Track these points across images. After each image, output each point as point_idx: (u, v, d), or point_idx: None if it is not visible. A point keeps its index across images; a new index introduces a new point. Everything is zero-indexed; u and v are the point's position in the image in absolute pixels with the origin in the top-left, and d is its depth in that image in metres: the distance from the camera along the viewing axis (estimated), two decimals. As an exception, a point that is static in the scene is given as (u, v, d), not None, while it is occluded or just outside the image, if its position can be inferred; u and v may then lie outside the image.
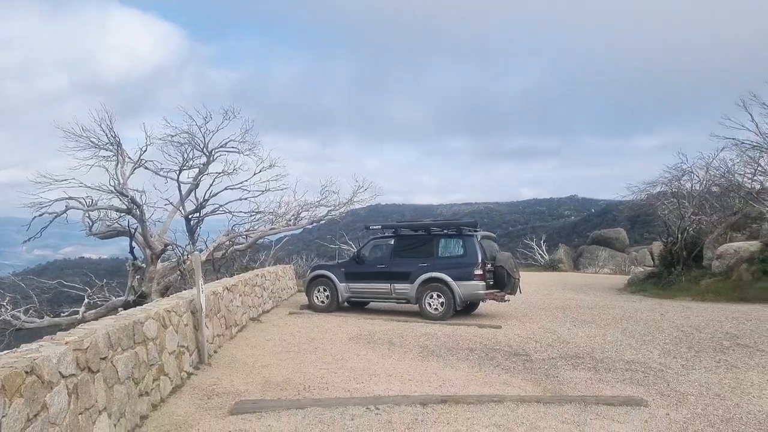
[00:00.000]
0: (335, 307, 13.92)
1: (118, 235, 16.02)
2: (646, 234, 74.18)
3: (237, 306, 11.35)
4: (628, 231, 54.87)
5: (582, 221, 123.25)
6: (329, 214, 18.67)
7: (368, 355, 8.93)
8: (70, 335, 4.95)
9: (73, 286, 16.53)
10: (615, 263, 40.49)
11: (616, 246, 47.31)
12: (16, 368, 3.70)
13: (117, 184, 14.79)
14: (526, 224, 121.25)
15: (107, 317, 6.28)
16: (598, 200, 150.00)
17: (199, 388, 7.04)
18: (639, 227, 71.83)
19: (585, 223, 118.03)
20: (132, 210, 14.57)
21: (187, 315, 7.97)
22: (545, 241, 42.95)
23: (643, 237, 69.64)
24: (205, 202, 16.67)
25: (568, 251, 48.27)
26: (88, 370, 4.71)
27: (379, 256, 13.90)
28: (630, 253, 45.69)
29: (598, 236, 50.72)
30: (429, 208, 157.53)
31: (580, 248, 51.17)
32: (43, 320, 15.83)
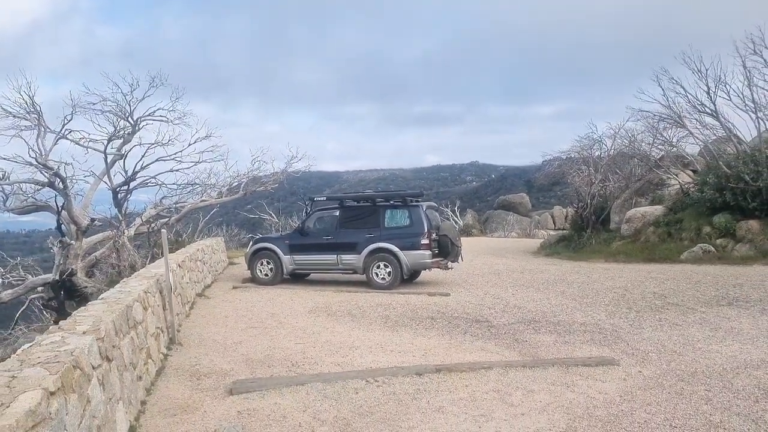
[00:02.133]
0: (279, 280, 13.89)
1: (37, 210, 14.86)
2: (542, 198, 78.98)
3: (186, 282, 11.07)
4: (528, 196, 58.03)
5: (483, 186, 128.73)
6: (262, 184, 18.34)
7: (336, 328, 9.11)
8: (81, 323, 4.75)
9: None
10: (521, 227, 42.92)
11: (520, 211, 50.09)
12: (66, 363, 3.56)
13: (38, 155, 13.68)
14: (430, 190, 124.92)
15: (94, 302, 6.00)
16: (497, 166, 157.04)
17: (181, 369, 6.92)
18: (536, 192, 76.28)
19: (486, 189, 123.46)
20: (55, 183, 13.55)
21: (156, 296, 7.74)
22: (457, 207, 44.60)
23: (540, 201, 74.13)
24: (135, 174, 15.83)
25: (475, 216, 50.54)
26: (106, 359, 4.57)
27: (325, 227, 13.96)
28: (533, 217, 48.62)
29: (503, 201, 53.39)
30: (334, 174, 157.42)
31: (486, 213, 53.70)
32: (-48, 303, 14.50)
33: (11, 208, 14.53)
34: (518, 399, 5.55)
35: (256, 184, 18.41)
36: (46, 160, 13.75)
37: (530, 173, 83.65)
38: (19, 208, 14.66)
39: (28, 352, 3.91)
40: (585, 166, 23.58)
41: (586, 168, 23.44)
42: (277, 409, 5.53)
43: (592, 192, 22.23)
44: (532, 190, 70.98)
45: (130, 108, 15.63)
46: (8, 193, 14.35)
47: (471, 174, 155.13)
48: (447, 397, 5.66)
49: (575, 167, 24.14)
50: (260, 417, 5.29)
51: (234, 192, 18.24)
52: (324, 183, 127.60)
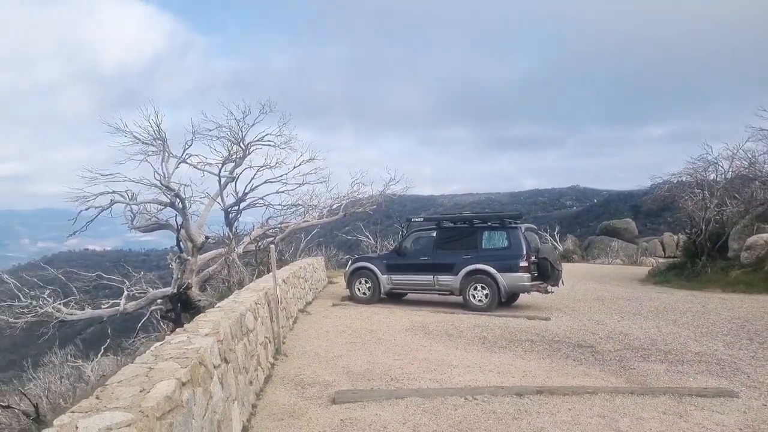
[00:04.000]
0: (377, 299, 14.15)
1: (159, 228, 16.24)
2: (650, 224, 74.52)
3: (290, 298, 11.59)
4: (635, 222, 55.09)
5: (584, 211, 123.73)
6: (361, 206, 18.89)
7: (434, 347, 9.16)
8: (203, 327, 5.17)
9: (112, 278, 16.74)
10: (626, 254, 40.75)
11: (625, 237, 47.61)
12: (193, 359, 3.91)
13: (162, 178, 15.02)
14: (528, 214, 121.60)
15: (212, 310, 6.49)
16: (599, 190, 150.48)
17: (287, 378, 7.27)
18: (642, 217, 72.20)
19: (587, 214, 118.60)
20: (175, 203, 14.78)
21: (265, 307, 8.19)
22: (557, 232, 43.23)
23: (647, 227, 69.99)
24: (245, 195, 16.94)
25: (576, 242, 48.62)
26: (224, 360, 4.93)
27: (422, 248, 14.10)
28: (640, 243, 46.02)
29: (606, 227, 51.01)
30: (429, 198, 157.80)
31: (588, 239, 51.52)
32: (85, 312, 16.05)
33: (137, 226, 15.98)
34: (626, 425, 5.34)
35: (355, 206, 18.98)
36: (168, 183, 15.04)
37: (636, 198, 79.47)
38: (144, 226, 16.08)
39: (160, 348, 4.34)
40: (699, 190, 22.13)
41: (699, 191, 21.98)
42: (377, 420, 5.67)
43: (707, 217, 20.78)
44: (638, 216, 67.33)
45: (242, 133, 16.82)
46: (135, 213, 15.82)
47: (571, 198, 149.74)
48: (549, 419, 5.55)
49: (688, 191, 22.71)
50: (362, 426, 5.46)
51: (334, 213, 18.91)
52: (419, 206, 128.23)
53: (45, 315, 15.47)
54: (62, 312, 15.64)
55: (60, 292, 16.44)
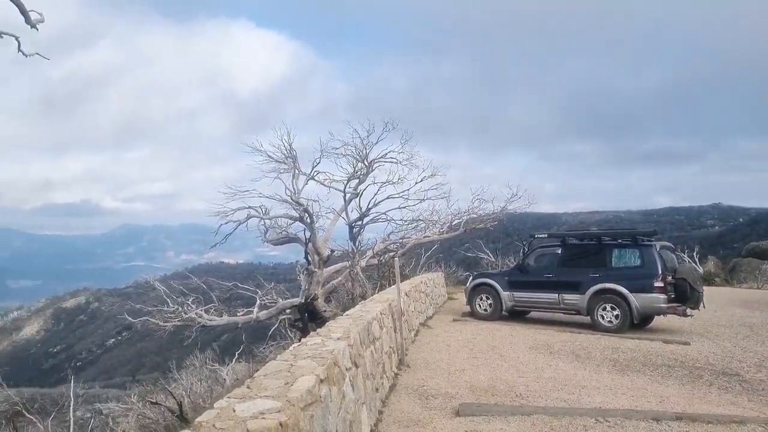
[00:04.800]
0: (498, 316, 13.91)
1: (289, 242, 17.25)
2: (807, 247, 66.37)
3: (412, 311, 11.76)
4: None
5: (728, 231, 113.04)
6: (482, 221, 18.77)
7: (560, 366, 8.85)
8: (334, 332, 5.44)
9: (246, 288, 17.98)
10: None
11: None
12: (328, 359, 4.15)
13: (292, 194, 16.00)
14: (662, 234, 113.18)
15: (341, 317, 6.80)
16: (746, 208, 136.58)
17: (410, 388, 7.39)
18: (799, 239, 64.58)
19: (731, 234, 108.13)
20: (303, 218, 15.65)
21: (389, 318, 8.40)
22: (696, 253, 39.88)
23: (804, 250, 62.35)
24: (368, 210, 17.53)
25: (719, 264, 44.47)
26: (354, 364, 5.15)
27: (545, 265, 13.70)
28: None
29: (755, 248, 46.05)
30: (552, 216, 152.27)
31: (732, 261, 46.91)
32: (222, 318, 17.32)
33: (270, 239, 17.07)
34: (782, 460, 4.83)
35: (475, 222, 18.89)
36: (298, 198, 15.97)
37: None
38: (276, 239, 17.14)
39: (298, 348, 4.64)
40: None
41: None
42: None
43: None
44: (794, 237, 60.31)
45: (366, 151, 17.47)
46: (268, 227, 16.94)
47: (712, 217, 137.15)
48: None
49: None
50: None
51: (454, 229, 18.93)
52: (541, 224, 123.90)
53: (188, 320, 16.88)
54: (203, 318, 16.98)
55: (201, 299, 17.89)
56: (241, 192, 16.47)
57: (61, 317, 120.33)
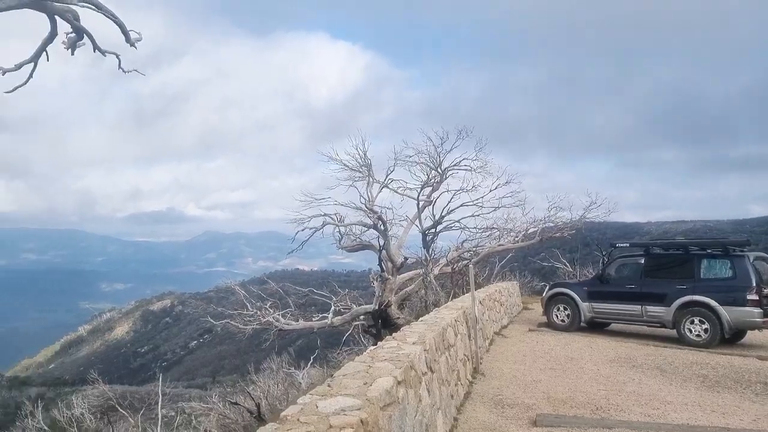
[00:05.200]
0: (576, 327, 13.49)
1: (363, 249, 17.50)
2: None
3: (486, 319, 11.62)
4: None
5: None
6: (559, 230, 18.27)
7: (643, 380, 8.48)
8: (409, 337, 5.49)
9: (322, 294, 18.36)
10: None
11: None
12: (405, 362, 4.20)
13: (366, 202, 16.26)
14: (757, 245, 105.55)
15: (416, 323, 6.84)
16: None
17: (486, 397, 7.31)
18: None
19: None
20: (377, 225, 15.85)
21: (464, 325, 8.36)
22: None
23: None
24: (442, 218, 17.50)
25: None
26: (430, 369, 5.17)
27: (627, 275, 13.16)
28: None
29: None
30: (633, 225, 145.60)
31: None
32: (298, 323, 17.76)
33: (344, 246, 17.39)
34: None
35: (552, 231, 18.42)
36: (372, 206, 16.19)
37: None
38: (350, 246, 17.44)
39: (375, 351, 4.72)
40: None
41: None
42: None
43: None
44: None
45: (439, 159, 17.45)
46: (342, 234, 17.25)
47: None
48: (791, 471, 4.83)
49: None
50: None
51: (530, 238, 18.53)
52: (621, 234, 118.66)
53: (266, 323, 17.42)
54: (280, 322, 17.47)
55: (279, 304, 18.43)
56: (317, 200, 16.90)
57: (149, 319, 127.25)
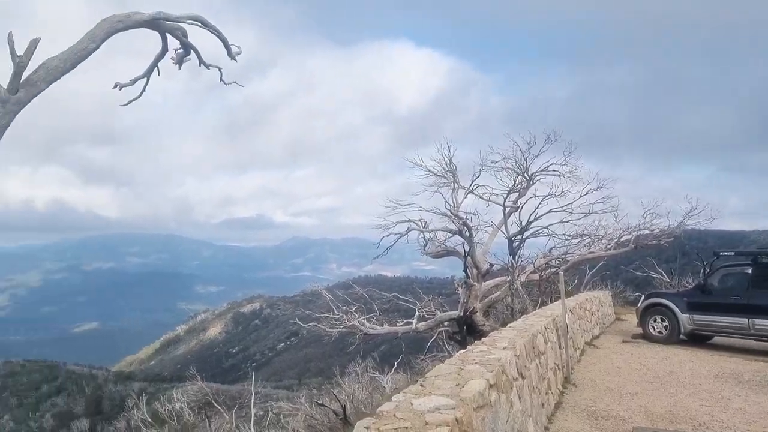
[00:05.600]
0: (675, 339, 12.76)
1: (447, 255, 17.46)
2: None
3: (576, 329, 11.25)
4: None
5: None
6: (655, 238, 17.36)
7: (751, 397, 7.90)
8: (499, 342, 5.44)
9: (406, 299, 18.48)
10: None
11: None
12: (496, 366, 4.18)
13: (451, 208, 16.24)
14: None
15: (505, 329, 6.76)
16: None
17: (578, 407, 7.09)
18: None
19: None
20: (462, 231, 15.77)
21: (554, 333, 8.15)
22: None
23: None
24: (529, 224, 17.15)
25: None
26: (521, 375, 5.10)
27: (732, 286, 12.30)
28: None
29: None
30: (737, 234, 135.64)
31: None
32: (383, 328, 17.95)
33: (429, 252, 17.42)
34: None
35: (647, 238, 17.53)
36: (457, 212, 16.14)
37: None
38: (434, 252, 17.44)
39: (465, 354, 4.73)
40: None
41: None
42: (684, 464, 5.17)
43: None
44: None
45: (526, 164, 17.12)
46: (427, 240, 17.30)
47: None
48: None
49: None
50: (666, 467, 5.04)
51: (623, 246, 17.72)
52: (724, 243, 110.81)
53: (352, 327, 17.73)
54: (366, 326, 17.72)
55: (363, 308, 18.72)
56: (401, 206, 17.05)
57: (239, 321, 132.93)
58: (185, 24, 5.90)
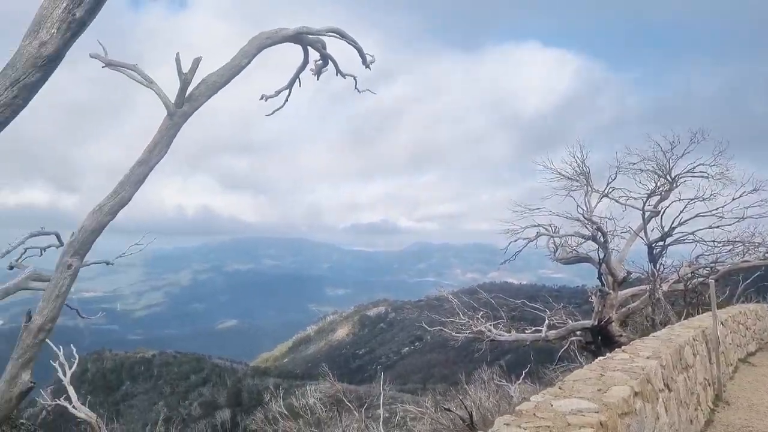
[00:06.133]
0: None
1: (579, 261, 16.72)
2: None
3: (729, 343, 10.28)
4: None
5: None
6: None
7: None
8: (642, 351, 5.15)
9: (535, 307, 17.96)
10: None
11: None
12: (640, 374, 3.97)
13: (584, 212, 15.53)
14: None
15: (648, 338, 6.38)
16: None
17: (731, 427, 6.51)
18: None
19: None
20: (596, 237, 15.01)
21: (703, 346, 7.54)
22: None
23: None
24: (672, 230, 15.94)
25: None
26: (667, 387, 4.79)
27: None
28: None
29: None
30: None
31: None
32: (511, 335, 17.58)
33: (559, 258, 16.78)
34: None
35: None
36: (590, 216, 15.38)
37: None
38: (565, 258, 16.76)
39: (605, 361, 4.55)
40: None
41: None
42: None
43: None
44: None
45: (669, 165, 15.92)
46: (557, 245, 16.67)
47: None
48: None
49: None
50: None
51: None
52: None
53: (478, 333, 17.56)
54: (492, 332, 17.47)
55: (490, 315, 18.46)
56: (530, 210, 16.59)
57: (366, 323, 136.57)
58: (324, 36, 6.26)
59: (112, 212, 5.38)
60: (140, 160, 5.46)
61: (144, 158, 5.45)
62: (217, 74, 5.56)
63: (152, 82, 5.51)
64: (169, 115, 5.40)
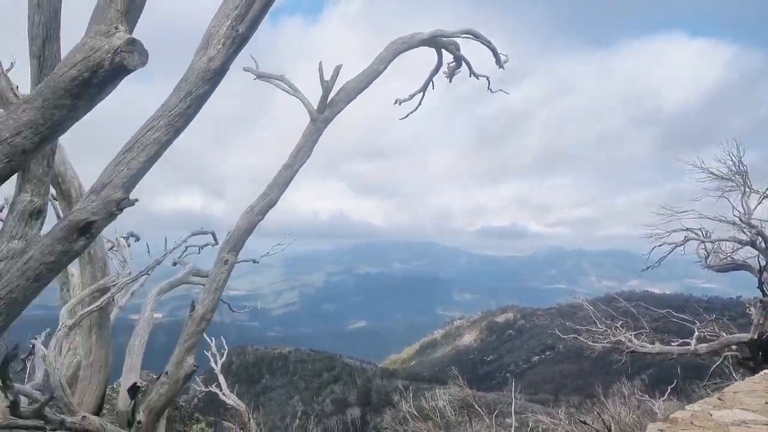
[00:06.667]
0: None
1: (735, 269, 15.22)
2: None
3: None
4: None
5: None
6: None
7: None
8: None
9: (682, 317, 16.63)
10: None
11: None
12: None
13: (741, 214, 14.13)
14: None
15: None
16: None
17: None
18: None
19: None
20: (755, 242, 13.58)
21: None
22: None
23: None
24: None
25: None
26: None
27: None
28: None
29: None
30: None
31: None
32: (654, 347, 16.42)
33: (711, 265, 15.40)
34: None
35: None
36: (749, 220, 13.96)
37: None
38: (718, 265, 15.34)
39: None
40: None
41: None
42: None
43: None
44: None
45: None
46: (709, 251, 15.31)
47: None
48: None
49: None
50: None
51: None
52: None
53: (617, 343, 16.60)
54: (633, 343, 16.43)
55: (630, 324, 17.37)
56: (676, 213, 15.36)
57: (493, 330, 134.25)
58: (458, 38, 6.32)
59: (262, 212, 5.84)
60: (286, 164, 5.87)
61: (289, 162, 5.85)
62: (355, 80, 5.85)
63: (297, 90, 5.91)
64: (312, 120, 5.76)
